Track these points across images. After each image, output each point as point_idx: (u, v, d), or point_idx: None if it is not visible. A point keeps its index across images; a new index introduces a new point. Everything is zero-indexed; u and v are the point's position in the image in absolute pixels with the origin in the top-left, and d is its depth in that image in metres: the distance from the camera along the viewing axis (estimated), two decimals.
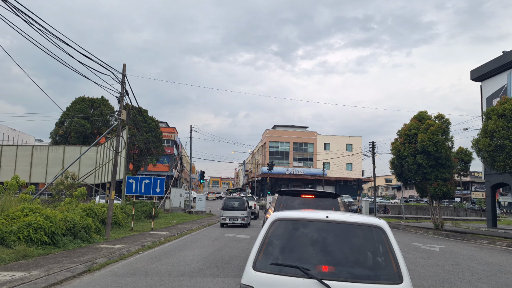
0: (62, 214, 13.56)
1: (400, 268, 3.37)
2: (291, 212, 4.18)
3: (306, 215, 3.95)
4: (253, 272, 3.47)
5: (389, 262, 3.46)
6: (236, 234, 18.15)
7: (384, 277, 3.37)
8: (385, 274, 3.39)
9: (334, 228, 3.72)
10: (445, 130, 26.00)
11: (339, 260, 3.52)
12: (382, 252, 3.54)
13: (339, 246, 3.63)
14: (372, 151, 39.68)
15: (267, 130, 79.73)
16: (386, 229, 3.69)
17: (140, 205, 27.50)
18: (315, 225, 3.77)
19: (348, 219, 3.81)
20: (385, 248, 3.55)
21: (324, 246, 3.61)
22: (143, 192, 20.43)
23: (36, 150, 36.39)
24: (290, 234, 3.76)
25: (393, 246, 3.56)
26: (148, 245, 13.06)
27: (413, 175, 26.31)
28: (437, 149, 24.97)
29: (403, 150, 26.27)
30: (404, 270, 3.37)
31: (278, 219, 3.87)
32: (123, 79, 15.19)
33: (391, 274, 3.36)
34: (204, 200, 37.14)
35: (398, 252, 3.51)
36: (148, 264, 9.75)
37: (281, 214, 4.00)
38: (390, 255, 3.49)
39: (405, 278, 3.31)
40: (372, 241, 3.65)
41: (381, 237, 3.62)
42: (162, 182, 20.65)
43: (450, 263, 11.91)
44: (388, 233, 3.66)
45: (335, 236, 3.68)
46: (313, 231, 3.73)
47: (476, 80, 35.48)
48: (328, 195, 9.53)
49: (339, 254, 3.56)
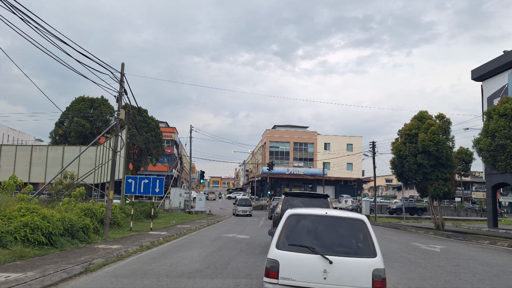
0: (60, 214, 13.45)
1: (375, 248, 5.04)
2: (300, 209, 5.87)
3: (311, 211, 5.62)
4: (276, 250, 5.14)
5: (368, 244, 5.10)
6: (235, 235, 18.04)
7: (364, 253, 5.04)
8: (365, 252, 5.05)
9: (331, 221, 5.41)
10: (445, 130, 25.88)
11: (334, 242, 5.19)
12: (363, 237, 5.19)
13: (334, 232, 5.28)
14: (373, 151, 39.55)
15: (267, 130, 79.60)
16: (366, 221, 5.35)
17: (140, 205, 27.39)
18: (317, 218, 5.46)
19: (340, 214, 5.54)
20: (365, 234, 5.20)
21: (324, 233, 5.28)
22: (142, 192, 20.32)
23: (36, 150, 36.30)
24: (301, 224, 5.41)
25: (371, 233, 5.20)
26: (147, 245, 12.94)
27: (414, 175, 26.19)
28: (438, 149, 24.85)
29: (404, 150, 26.16)
30: (378, 249, 5.04)
31: (292, 214, 5.55)
32: (121, 78, 15.07)
33: (368, 252, 5.04)
34: (204, 200, 37.04)
35: (374, 237, 5.15)
36: (146, 264, 9.63)
37: (294, 210, 5.67)
38: (369, 239, 5.14)
39: (378, 254, 5.00)
40: (357, 230, 5.27)
41: (362, 227, 5.27)
42: (161, 182, 20.54)
43: (451, 263, 11.80)
44: (367, 224, 5.31)
45: (332, 226, 5.35)
46: (317, 222, 5.41)
47: (477, 80, 35.34)
48: (320, 196, 13.14)
49: (334, 238, 5.23)
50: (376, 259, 4.97)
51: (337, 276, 4.87)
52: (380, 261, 4.97)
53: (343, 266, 4.92)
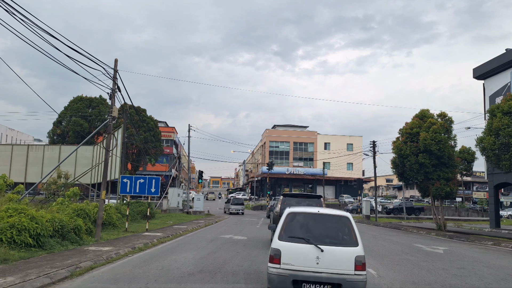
0: (50, 215, 13.00)
1: (357, 239, 6.16)
2: (297, 208, 7.07)
3: (307, 210, 6.83)
4: (278, 241, 6.22)
5: (351, 236, 6.23)
6: (233, 236, 17.58)
7: (348, 243, 6.16)
8: (349, 242, 6.17)
9: (322, 217, 6.56)
10: (447, 129, 25.40)
11: (324, 234, 6.28)
12: (347, 231, 6.31)
13: (325, 227, 6.40)
14: (373, 150, 39.06)
15: (267, 130, 79.08)
16: (350, 218, 6.54)
17: (136, 205, 26.92)
18: (312, 215, 6.59)
19: (330, 212, 6.78)
20: (349, 228, 6.32)
21: (316, 227, 6.38)
22: (138, 192, 19.90)
23: (32, 149, 35.82)
24: (298, 220, 6.52)
25: (354, 227, 6.31)
26: (139, 247, 12.49)
27: (415, 175, 25.70)
28: (440, 148, 24.37)
29: (405, 149, 25.67)
30: (359, 240, 6.16)
31: (291, 212, 6.69)
32: (114, 74, 14.62)
33: (352, 242, 6.15)
34: (202, 200, 36.54)
35: (356, 231, 6.29)
36: (136, 268, 9.18)
37: (292, 209, 6.87)
38: (352, 232, 6.26)
39: (359, 244, 6.12)
40: (343, 224, 6.42)
41: (347, 222, 6.43)
42: (157, 181, 20.11)
43: (455, 266, 11.33)
44: (351, 220, 6.47)
45: (322, 221, 6.48)
46: (311, 218, 6.53)
47: (479, 79, 34.85)
48: (315, 197, 14.76)
49: (324, 231, 6.33)
50: (358, 248, 6.14)
51: (327, 261, 6.02)
52: (361, 250, 6.14)
53: (332, 254, 6.07)
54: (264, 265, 9.92)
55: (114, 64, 14.85)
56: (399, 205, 50.88)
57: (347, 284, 5.90)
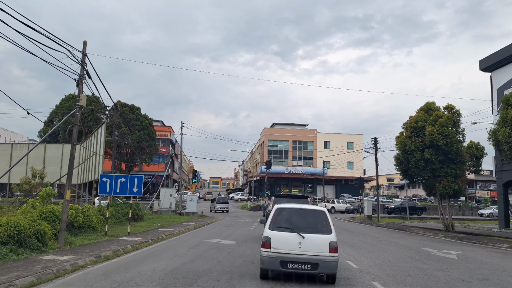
0: (5, 219, 11.31)
1: (331, 228, 7.92)
2: (284, 204, 9.12)
3: (291, 206, 8.67)
4: (269, 230, 7.94)
5: (327, 226, 8.00)
6: (220, 240, 15.82)
7: (324, 232, 7.90)
8: (324, 231, 7.92)
9: (303, 211, 8.35)
10: (455, 122, 23.61)
11: (305, 225, 7.99)
12: (324, 222, 8.09)
13: (305, 219, 8.15)
14: (375, 147, 37.26)
15: (266, 129, 77.25)
16: (326, 212, 8.39)
17: (122, 207, 25.18)
18: (295, 210, 8.38)
19: (309, 207, 8.76)
20: (325, 220, 8.12)
21: (299, 219, 8.12)
22: (119, 192, 18.20)
23: (16, 148, 34.06)
24: (284, 214, 8.28)
25: (328, 219, 8.15)
26: (106, 255, 10.73)
27: (421, 172, 23.92)
28: (447, 143, 22.61)
29: (410, 144, 23.89)
30: (333, 229, 7.92)
31: (278, 208, 8.50)
32: (83, 58, 12.90)
33: (327, 231, 7.91)
34: (195, 201, 34.66)
35: (330, 222, 8.10)
36: (88, 283, 7.44)
37: (280, 205, 8.75)
38: (327, 223, 8.05)
39: (333, 232, 7.86)
40: (320, 217, 8.21)
41: (323, 215, 8.24)
42: (140, 181, 18.39)
43: (476, 277, 9.56)
44: (327, 213, 8.33)
45: (304, 215, 8.25)
46: (294, 213, 8.30)
47: (485, 71, 33.09)
48: (303, 197, 16.92)
49: (305, 222, 8.05)
50: (332, 235, 7.71)
51: (307, 246, 7.55)
52: (334, 237, 7.69)
53: (311, 240, 7.61)
54: (247, 278, 8.21)
55: (82, 48, 13.12)
56: (400, 204, 49.13)
57: (323, 263, 7.48)
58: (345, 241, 16.92)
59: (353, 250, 13.75)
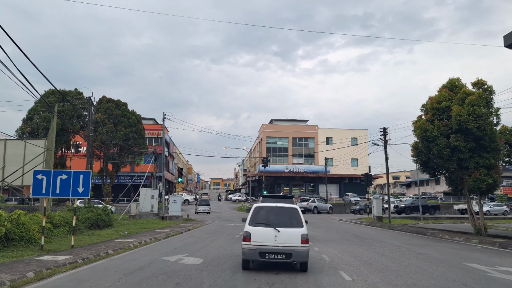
0: None
1: (302, 223, 9.21)
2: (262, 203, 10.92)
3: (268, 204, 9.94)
4: (249, 226, 9.19)
5: (299, 221, 9.23)
6: (183, 257, 11.37)
7: (296, 226, 9.10)
8: (296, 225, 9.11)
9: (278, 209, 9.54)
10: (487, 101, 19.19)
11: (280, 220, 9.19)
12: (296, 218, 9.31)
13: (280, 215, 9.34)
14: (384, 138, 32.76)
15: (264, 125, 72.75)
16: (298, 209, 9.66)
17: (83, 212, 20.87)
18: (271, 208, 9.60)
19: (284, 205, 9.73)
20: (297, 216, 9.34)
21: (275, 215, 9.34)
22: (58, 193, 13.96)
23: None
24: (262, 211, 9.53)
25: (300, 215, 9.37)
26: None
27: (445, 163, 19.48)
28: (479, 126, 18.22)
29: (431, 129, 19.45)
30: (304, 223, 9.26)
31: (257, 206, 9.86)
32: None
33: (299, 225, 9.13)
34: (179, 203, 30.16)
35: (302, 217, 9.37)
36: None
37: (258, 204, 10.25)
38: (299, 218, 9.28)
39: (304, 226, 9.18)
40: (293, 214, 9.42)
41: (296, 212, 9.49)
42: (86, 177, 14.13)
43: None
44: (298, 210, 9.62)
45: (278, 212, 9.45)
46: (271, 210, 9.52)
47: (511, 47, 28.73)
48: (288, 197, 19.15)
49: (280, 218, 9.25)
50: (303, 229, 9.10)
51: (282, 238, 8.92)
52: (305, 230, 9.11)
53: (285, 233, 8.98)
54: None
55: None
56: (411, 203, 44.70)
57: (296, 253, 8.82)
58: (358, 254, 12.55)
59: (372, 273, 9.34)
